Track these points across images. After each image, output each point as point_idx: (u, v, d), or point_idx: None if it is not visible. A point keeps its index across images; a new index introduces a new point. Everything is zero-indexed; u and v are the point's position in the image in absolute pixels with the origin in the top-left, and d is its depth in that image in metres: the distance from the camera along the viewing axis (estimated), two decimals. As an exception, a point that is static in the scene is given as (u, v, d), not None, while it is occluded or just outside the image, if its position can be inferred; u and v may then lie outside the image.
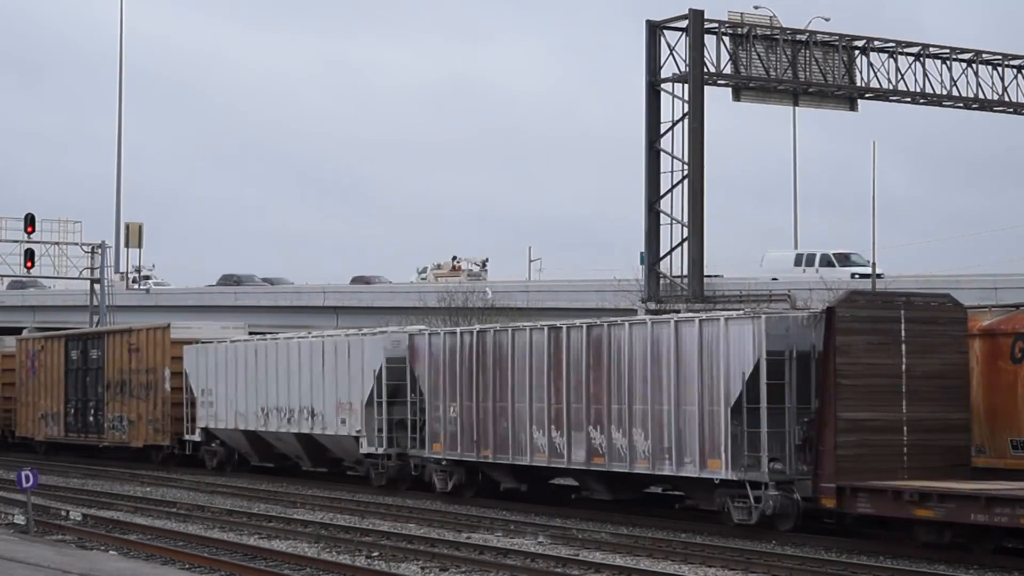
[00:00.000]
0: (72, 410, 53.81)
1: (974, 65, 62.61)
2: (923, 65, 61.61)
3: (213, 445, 46.02)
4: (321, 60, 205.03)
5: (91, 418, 52.61)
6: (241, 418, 43.96)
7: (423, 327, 40.22)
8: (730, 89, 59.39)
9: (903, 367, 27.44)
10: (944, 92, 62.16)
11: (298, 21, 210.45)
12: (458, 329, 36.56)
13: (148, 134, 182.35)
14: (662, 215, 58.15)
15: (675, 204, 57.95)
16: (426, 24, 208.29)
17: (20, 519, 30.62)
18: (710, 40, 58.21)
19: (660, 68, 58.12)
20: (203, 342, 46.55)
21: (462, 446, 35.07)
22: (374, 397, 38.01)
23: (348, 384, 39.09)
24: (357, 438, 38.78)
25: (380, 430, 37.88)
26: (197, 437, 46.31)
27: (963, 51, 62.59)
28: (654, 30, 58.18)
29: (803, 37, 60.40)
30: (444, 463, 35.76)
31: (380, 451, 38.02)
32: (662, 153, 58.03)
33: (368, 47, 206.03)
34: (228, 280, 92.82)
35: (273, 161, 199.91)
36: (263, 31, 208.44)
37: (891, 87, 61.35)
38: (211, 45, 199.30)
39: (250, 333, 51.00)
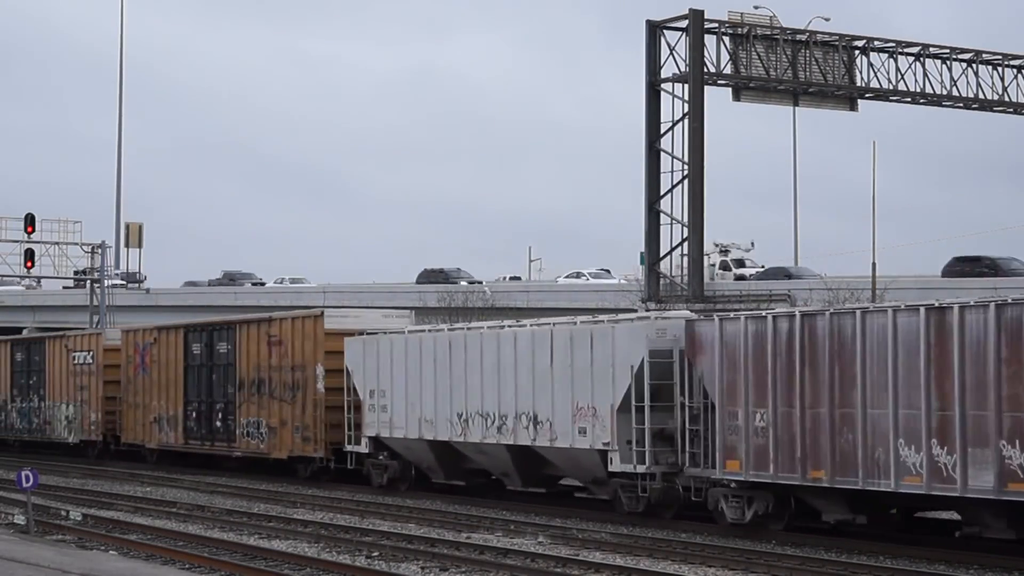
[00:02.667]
0: (193, 413, 46.23)
1: (974, 65, 62.71)
2: (923, 65, 61.70)
3: (381, 457, 37.98)
4: (284, 55, 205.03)
5: (218, 423, 44.91)
6: (428, 426, 35.95)
7: (690, 313, 32.05)
8: (730, 89, 59.47)
9: None
10: (944, 92, 62.25)
11: (260, 15, 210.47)
12: (768, 313, 28.41)
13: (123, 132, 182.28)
14: (662, 215, 58.19)
15: (675, 204, 58.06)
16: (388, 16, 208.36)
17: (20, 519, 30.59)
18: (710, 40, 58.34)
19: (660, 68, 58.17)
20: (369, 333, 38.53)
21: (776, 465, 27.27)
22: (631, 401, 30.13)
23: (591, 384, 31.22)
24: (604, 452, 30.92)
25: (640, 443, 30.08)
26: (363, 448, 38.25)
27: (963, 51, 62.69)
28: (654, 30, 58.25)
29: (803, 37, 60.48)
30: (733, 485, 28.33)
31: (640, 469, 30.12)
32: (662, 153, 58.08)
33: (331, 41, 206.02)
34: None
35: (246, 158, 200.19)
36: (225, 25, 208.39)
37: (891, 87, 61.44)
38: (170, 41, 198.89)
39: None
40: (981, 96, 62.87)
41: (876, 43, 61.17)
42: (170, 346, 47.62)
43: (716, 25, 58.28)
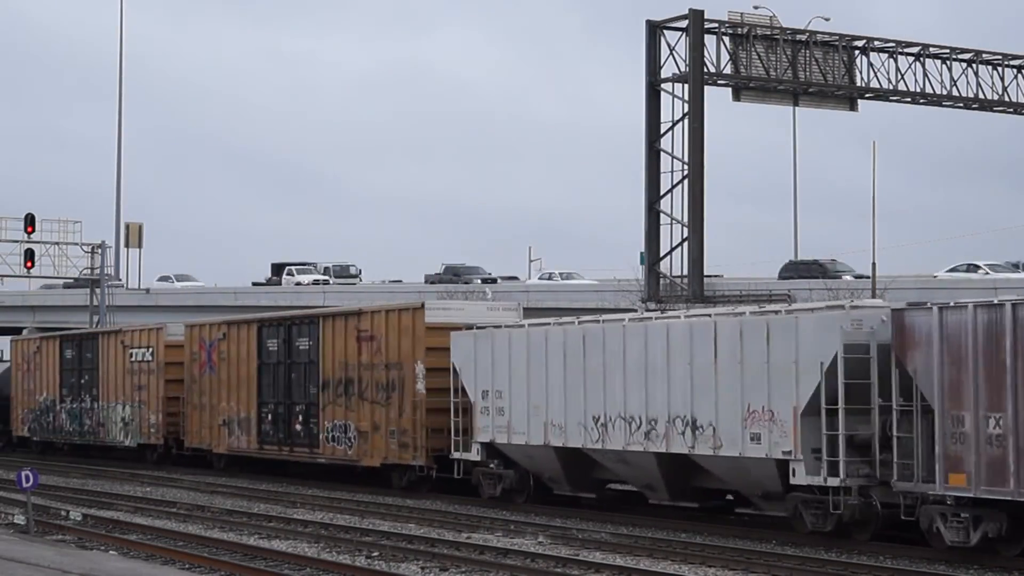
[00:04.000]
0: (268, 416, 42.71)
1: (974, 65, 62.71)
2: (923, 65, 61.70)
3: (493, 465, 34.45)
4: (266, 52, 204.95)
5: (298, 427, 41.36)
6: (556, 431, 32.14)
7: (883, 302, 28.34)
8: (730, 89, 59.48)
9: None
10: (944, 92, 62.25)
11: (242, 13, 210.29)
12: (1007, 301, 23.89)
13: (108, 131, 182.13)
14: (662, 215, 58.23)
15: (675, 204, 58.09)
16: (371, 12, 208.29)
17: (20, 519, 30.61)
18: (710, 40, 58.34)
19: (660, 68, 58.20)
20: (479, 327, 34.85)
21: (1018, 480, 23.35)
22: (819, 402, 26.27)
23: (767, 383, 27.33)
24: (784, 462, 27.04)
25: (832, 452, 26.13)
26: (474, 455, 34.60)
27: (963, 51, 62.72)
28: (654, 30, 58.26)
29: (803, 37, 60.47)
30: (950, 502, 24.55)
31: (833, 483, 26.13)
32: (662, 153, 58.11)
33: (311, 38, 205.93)
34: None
35: (232, 157, 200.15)
36: (207, 23, 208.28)
37: (891, 87, 61.44)
38: (153, 38, 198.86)
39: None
40: (981, 96, 62.88)
41: (876, 43, 61.19)
42: (241, 342, 43.89)
43: (716, 25, 58.33)
